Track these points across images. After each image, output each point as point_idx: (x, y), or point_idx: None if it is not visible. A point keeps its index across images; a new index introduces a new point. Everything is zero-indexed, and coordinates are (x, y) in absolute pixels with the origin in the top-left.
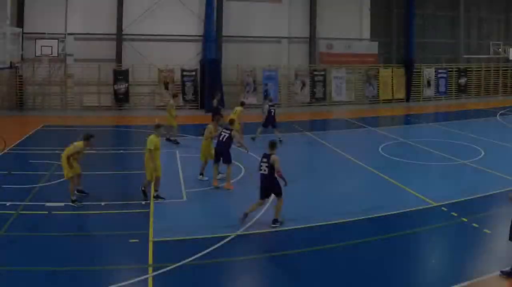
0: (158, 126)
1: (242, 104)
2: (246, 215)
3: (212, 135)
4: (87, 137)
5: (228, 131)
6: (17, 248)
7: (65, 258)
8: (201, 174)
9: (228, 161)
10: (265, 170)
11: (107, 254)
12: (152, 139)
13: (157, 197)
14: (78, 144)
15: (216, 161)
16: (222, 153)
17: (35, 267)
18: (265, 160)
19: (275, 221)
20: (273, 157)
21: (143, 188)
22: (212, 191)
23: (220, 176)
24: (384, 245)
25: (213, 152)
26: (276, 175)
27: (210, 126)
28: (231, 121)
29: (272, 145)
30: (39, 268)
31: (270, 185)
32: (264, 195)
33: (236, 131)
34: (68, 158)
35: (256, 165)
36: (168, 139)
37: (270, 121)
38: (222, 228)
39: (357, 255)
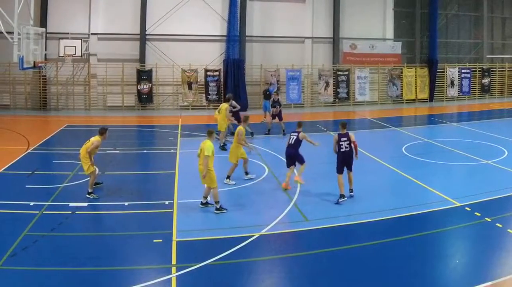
0: (211, 132)
1: (228, 100)
2: None
3: (243, 137)
4: (103, 131)
5: (296, 134)
6: (40, 248)
7: (88, 258)
8: (228, 177)
9: (303, 161)
10: (346, 147)
11: (130, 254)
12: (211, 145)
13: (206, 203)
14: (96, 139)
15: (289, 165)
16: (295, 156)
17: (58, 267)
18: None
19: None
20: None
21: (218, 206)
22: (236, 191)
23: (248, 176)
24: (407, 245)
25: (243, 151)
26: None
27: (242, 130)
28: (299, 124)
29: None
30: (62, 268)
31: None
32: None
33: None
34: (88, 153)
35: (278, 164)
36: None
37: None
38: (246, 228)
39: (381, 255)
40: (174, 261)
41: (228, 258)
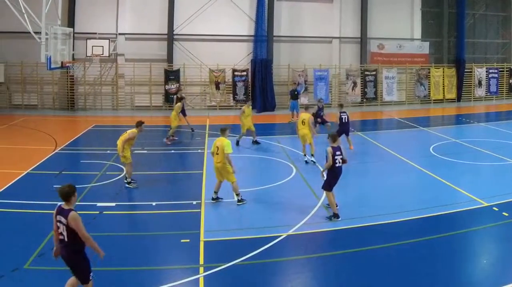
0: (224, 130)
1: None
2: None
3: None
4: (139, 124)
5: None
6: None
7: (116, 258)
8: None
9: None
10: (340, 162)
11: (158, 254)
12: (229, 142)
13: (241, 200)
14: (132, 131)
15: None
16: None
17: None
18: (338, 153)
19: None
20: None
21: (239, 197)
22: (264, 191)
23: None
24: (435, 245)
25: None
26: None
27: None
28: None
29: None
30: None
31: None
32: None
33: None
34: (124, 144)
35: (305, 165)
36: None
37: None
38: (273, 228)
39: (408, 255)
40: (201, 261)
41: (256, 258)
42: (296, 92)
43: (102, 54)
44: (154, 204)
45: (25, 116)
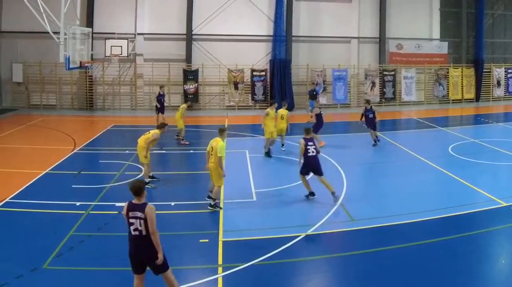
0: (222, 130)
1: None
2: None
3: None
4: (163, 126)
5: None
6: (86, 248)
7: None
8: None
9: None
10: (313, 151)
11: (177, 254)
12: (223, 146)
13: (215, 206)
14: (155, 131)
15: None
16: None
17: (104, 267)
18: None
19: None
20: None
21: (213, 197)
22: (282, 191)
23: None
24: (453, 244)
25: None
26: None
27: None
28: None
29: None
30: (108, 268)
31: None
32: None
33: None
34: (147, 145)
35: (324, 164)
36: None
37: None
38: (292, 228)
39: (426, 255)
40: (220, 261)
41: (274, 258)
42: (315, 93)
43: (121, 54)
44: (173, 204)
45: (43, 116)
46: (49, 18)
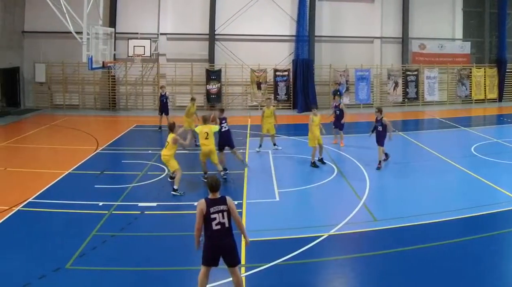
0: (206, 119)
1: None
2: None
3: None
4: (173, 126)
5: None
6: (109, 248)
7: (157, 258)
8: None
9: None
10: (226, 127)
11: (199, 254)
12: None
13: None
14: (171, 137)
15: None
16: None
17: (127, 267)
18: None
19: None
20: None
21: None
22: (305, 191)
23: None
24: (476, 245)
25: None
26: None
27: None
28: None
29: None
30: (131, 268)
31: None
32: None
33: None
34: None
35: (347, 165)
36: None
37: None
38: (315, 228)
39: (449, 255)
40: (243, 261)
41: (297, 258)
42: (338, 93)
43: (144, 54)
44: (195, 204)
45: (66, 116)
46: (72, 18)
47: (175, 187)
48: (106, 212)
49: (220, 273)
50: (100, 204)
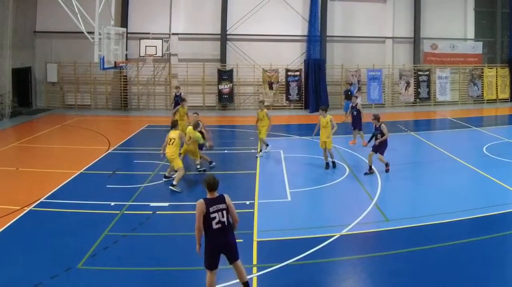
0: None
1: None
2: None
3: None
4: (175, 123)
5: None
6: (121, 248)
7: (169, 258)
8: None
9: None
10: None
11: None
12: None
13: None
14: (174, 133)
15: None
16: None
17: (139, 267)
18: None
19: None
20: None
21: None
22: (317, 191)
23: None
24: (487, 245)
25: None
26: None
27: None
28: None
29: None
30: (143, 268)
31: None
32: None
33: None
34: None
35: (359, 165)
36: None
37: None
38: (326, 228)
39: (461, 256)
40: (255, 261)
41: (309, 258)
42: (350, 93)
43: (155, 54)
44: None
45: (78, 116)
46: (83, 18)
47: (175, 183)
48: (118, 212)
49: (233, 273)
50: (112, 204)
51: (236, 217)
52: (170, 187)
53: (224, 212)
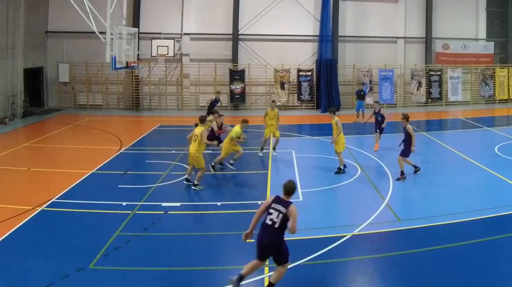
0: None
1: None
2: None
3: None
4: (203, 119)
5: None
6: (132, 248)
7: (181, 258)
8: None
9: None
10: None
11: (223, 254)
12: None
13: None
14: (201, 129)
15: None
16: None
17: (151, 267)
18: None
19: None
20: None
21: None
22: (328, 191)
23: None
24: (499, 245)
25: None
26: None
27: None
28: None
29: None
30: (155, 268)
31: None
32: None
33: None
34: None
35: (370, 165)
36: None
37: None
38: (338, 228)
39: (473, 255)
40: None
41: (321, 258)
42: (362, 93)
43: (167, 54)
44: (219, 204)
45: (90, 116)
46: (95, 18)
47: (196, 182)
48: (130, 212)
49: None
50: (124, 204)
51: (293, 228)
52: (193, 187)
53: (281, 215)
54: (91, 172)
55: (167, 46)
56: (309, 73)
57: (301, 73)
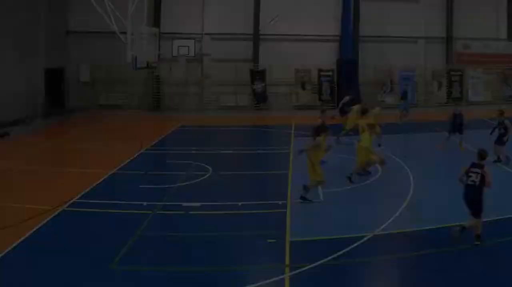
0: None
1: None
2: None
3: None
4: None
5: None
6: (153, 248)
7: (202, 258)
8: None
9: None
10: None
11: (244, 254)
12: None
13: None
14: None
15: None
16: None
17: (172, 267)
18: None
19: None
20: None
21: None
22: (349, 191)
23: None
24: None
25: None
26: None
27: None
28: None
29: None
30: (175, 268)
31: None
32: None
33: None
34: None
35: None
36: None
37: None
38: (359, 228)
39: (495, 256)
40: (287, 261)
41: (342, 258)
42: (405, 93)
43: (188, 54)
44: (240, 204)
45: (111, 116)
46: (116, 18)
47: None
48: (151, 212)
49: (266, 273)
50: (145, 204)
51: (488, 183)
52: (300, 200)
53: (478, 175)
54: (112, 172)
55: (188, 46)
56: (330, 73)
57: (321, 73)
